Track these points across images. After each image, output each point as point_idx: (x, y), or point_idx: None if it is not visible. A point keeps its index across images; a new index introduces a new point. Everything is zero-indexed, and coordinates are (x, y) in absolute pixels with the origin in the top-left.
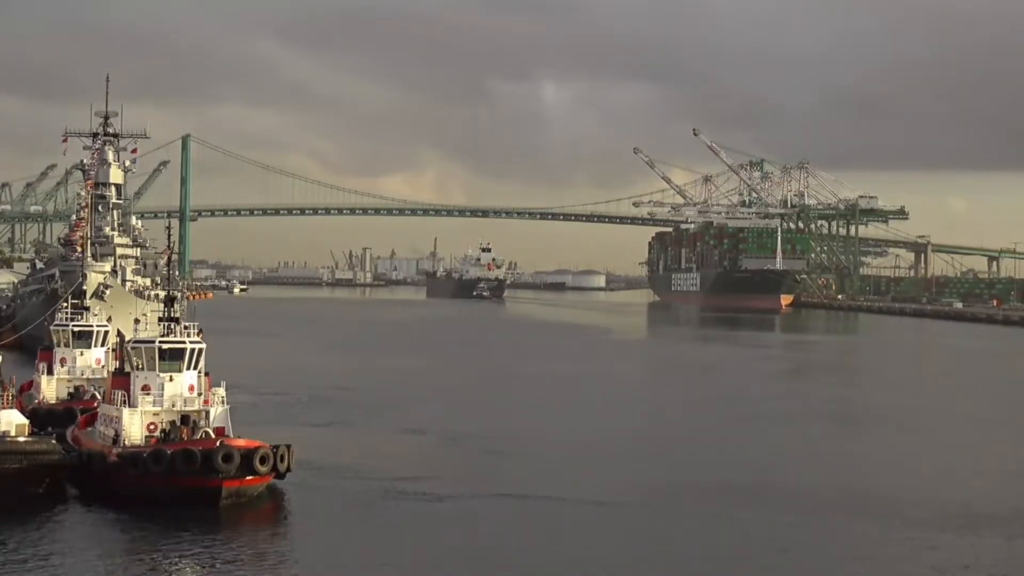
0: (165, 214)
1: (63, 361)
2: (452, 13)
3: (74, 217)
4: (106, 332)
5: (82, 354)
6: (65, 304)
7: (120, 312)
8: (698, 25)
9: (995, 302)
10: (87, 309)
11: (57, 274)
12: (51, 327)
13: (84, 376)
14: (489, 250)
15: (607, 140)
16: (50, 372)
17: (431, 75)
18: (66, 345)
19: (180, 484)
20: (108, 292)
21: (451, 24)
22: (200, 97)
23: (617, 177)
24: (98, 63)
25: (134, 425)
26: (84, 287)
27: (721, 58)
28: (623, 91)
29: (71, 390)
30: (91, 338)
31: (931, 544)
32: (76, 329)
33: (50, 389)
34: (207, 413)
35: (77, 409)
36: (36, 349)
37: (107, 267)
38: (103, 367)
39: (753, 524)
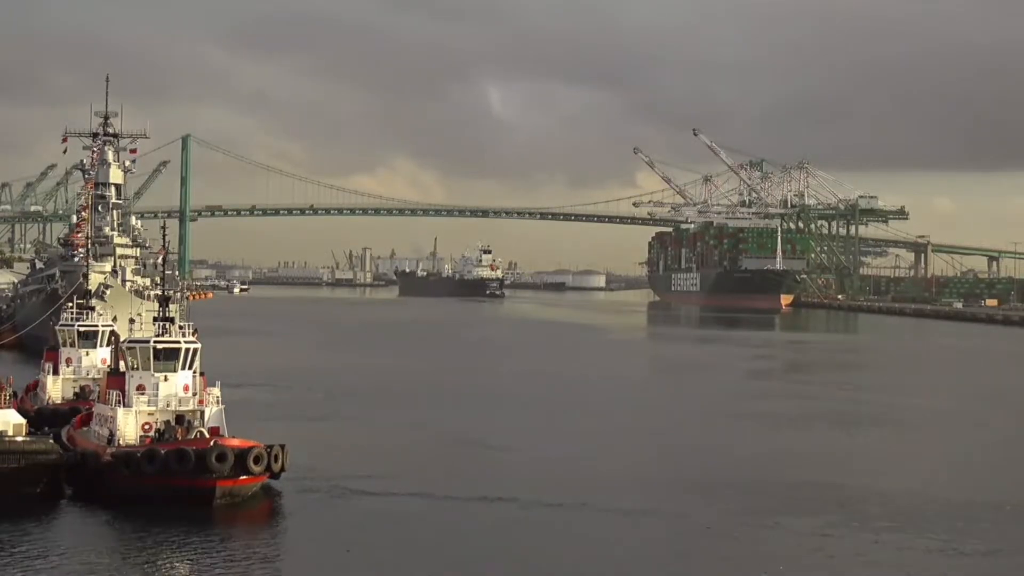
0: (164, 214)
1: (68, 361)
2: (377, 19)
3: (74, 217)
4: (111, 332)
5: (87, 354)
6: (70, 304)
7: (120, 312)
8: (628, 32)
9: (994, 303)
10: (92, 309)
11: (57, 274)
12: (56, 327)
13: (90, 376)
14: (490, 251)
15: (570, 141)
16: (56, 372)
17: (378, 79)
18: (71, 345)
19: (174, 484)
20: (108, 292)
21: (378, 29)
22: (150, 99)
23: (589, 177)
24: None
25: (129, 425)
26: (88, 287)
27: (656, 63)
28: (568, 94)
29: (77, 390)
30: (96, 338)
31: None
32: (81, 329)
33: (56, 389)
34: (202, 413)
35: (84, 409)
36: (36, 349)
37: (107, 267)
38: (108, 367)
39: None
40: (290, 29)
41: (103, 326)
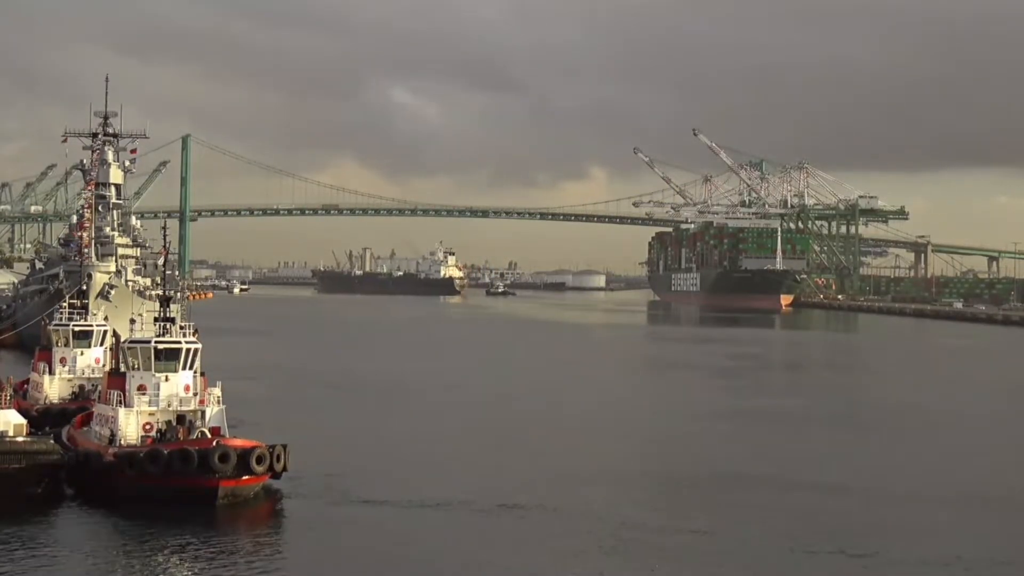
0: (165, 214)
1: (63, 361)
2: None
3: (74, 217)
4: (105, 332)
5: (82, 354)
6: (63, 304)
7: (124, 312)
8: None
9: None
10: (86, 309)
11: (61, 274)
12: (50, 327)
13: (84, 376)
14: (453, 253)
15: (496, 140)
16: (51, 372)
17: (278, 85)
18: (65, 345)
19: (177, 484)
20: (113, 292)
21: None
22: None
23: (537, 174)
24: None
25: (130, 425)
26: (85, 287)
27: (538, 69)
28: (470, 98)
29: (75, 389)
30: (91, 338)
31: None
32: (76, 329)
33: (52, 389)
34: (203, 413)
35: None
36: (35, 348)
37: (112, 267)
38: (102, 366)
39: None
40: (172, 39)
41: (97, 326)
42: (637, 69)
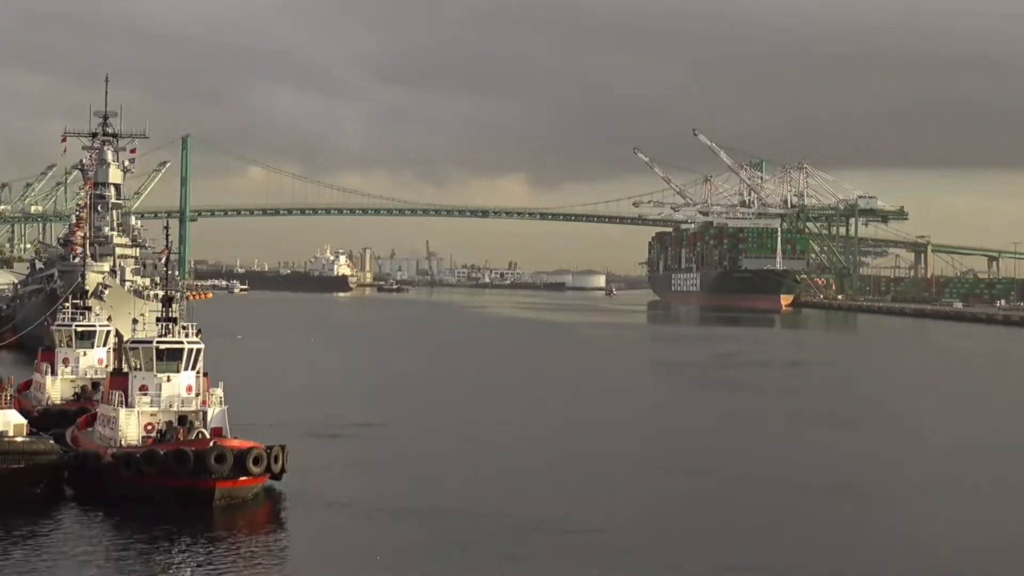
0: (165, 214)
1: (66, 361)
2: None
3: (73, 217)
4: (108, 332)
5: (85, 354)
6: (67, 304)
7: (119, 312)
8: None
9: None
10: (89, 309)
11: (56, 274)
12: (53, 327)
13: (87, 376)
14: (343, 253)
15: (388, 138)
16: (53, 372)
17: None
18: (68, 345)
19: (173, 485)
20: (107, 292)
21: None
22: None
23: (453, 172)
24: None
25: (131, 425)
26: (86, 287)
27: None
28: (320, 103)
29: (77, 390)
30: (94, 338)
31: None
32: (79, 329)
33: (55, 389)
34: (204, 414)
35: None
36: (35, 349)
37: (106, 267)
38: (106, 367)
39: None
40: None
41: (100, 326)
42: (473, 77)
